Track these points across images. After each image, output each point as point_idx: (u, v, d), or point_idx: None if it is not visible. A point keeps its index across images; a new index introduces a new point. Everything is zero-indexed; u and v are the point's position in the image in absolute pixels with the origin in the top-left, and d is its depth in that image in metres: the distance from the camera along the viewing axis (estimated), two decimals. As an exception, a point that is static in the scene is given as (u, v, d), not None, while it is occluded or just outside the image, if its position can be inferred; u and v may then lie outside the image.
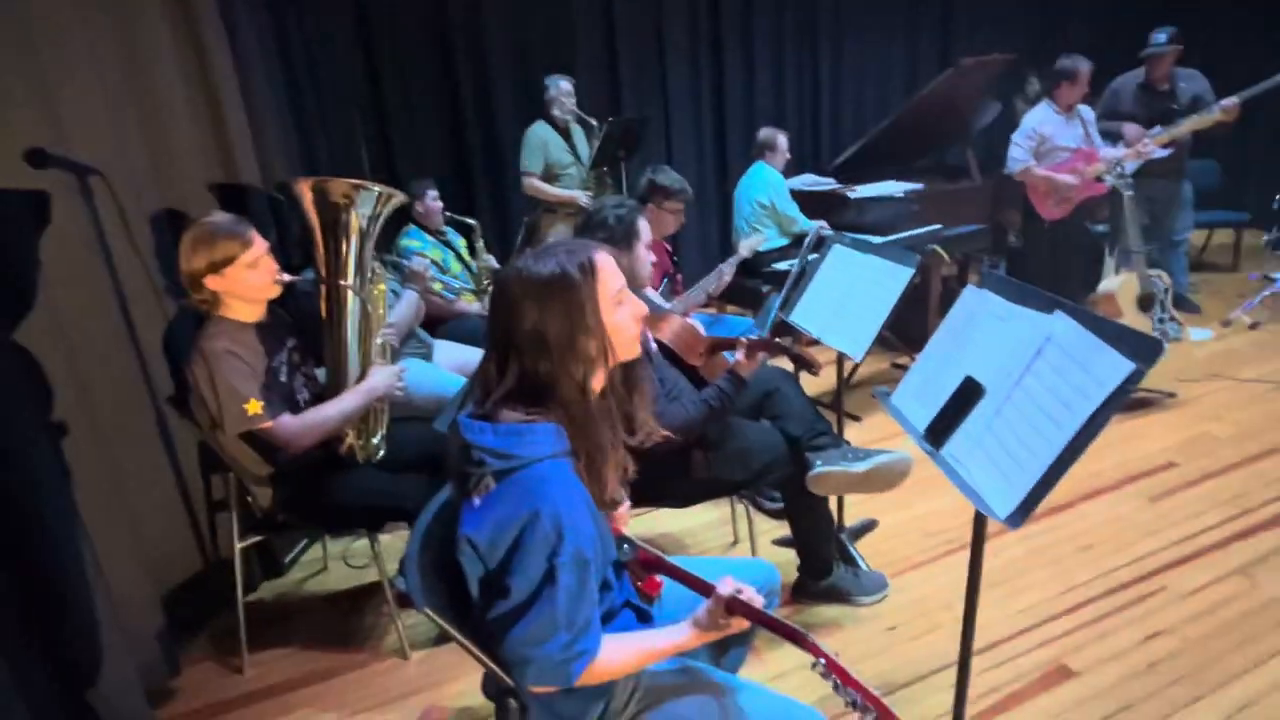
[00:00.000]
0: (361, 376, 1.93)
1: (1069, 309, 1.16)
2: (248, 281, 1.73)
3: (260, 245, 1.75)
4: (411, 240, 3.08)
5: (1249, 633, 1.86)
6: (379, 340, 2.01)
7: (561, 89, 3.65)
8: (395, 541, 2.37)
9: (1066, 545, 2.28)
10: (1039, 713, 1.68)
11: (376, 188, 1.93)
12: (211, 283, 1.71)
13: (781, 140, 3.80)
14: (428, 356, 2.64)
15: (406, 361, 2.40)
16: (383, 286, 2.06)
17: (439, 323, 2.96)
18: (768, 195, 3.73)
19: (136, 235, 1.95)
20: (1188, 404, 3.14)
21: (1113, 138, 3.82)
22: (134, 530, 1.82)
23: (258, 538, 1.99)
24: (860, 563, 2.20)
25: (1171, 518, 2.38)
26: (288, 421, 1.74)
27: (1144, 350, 1.00)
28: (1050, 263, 3.94)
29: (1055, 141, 3.65)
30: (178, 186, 2.11)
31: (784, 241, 3.78)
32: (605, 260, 1.03)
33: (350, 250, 1.91)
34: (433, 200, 3.12)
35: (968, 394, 1.25)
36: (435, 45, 4.07)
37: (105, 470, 1.74)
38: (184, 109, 2.12)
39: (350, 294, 1.92)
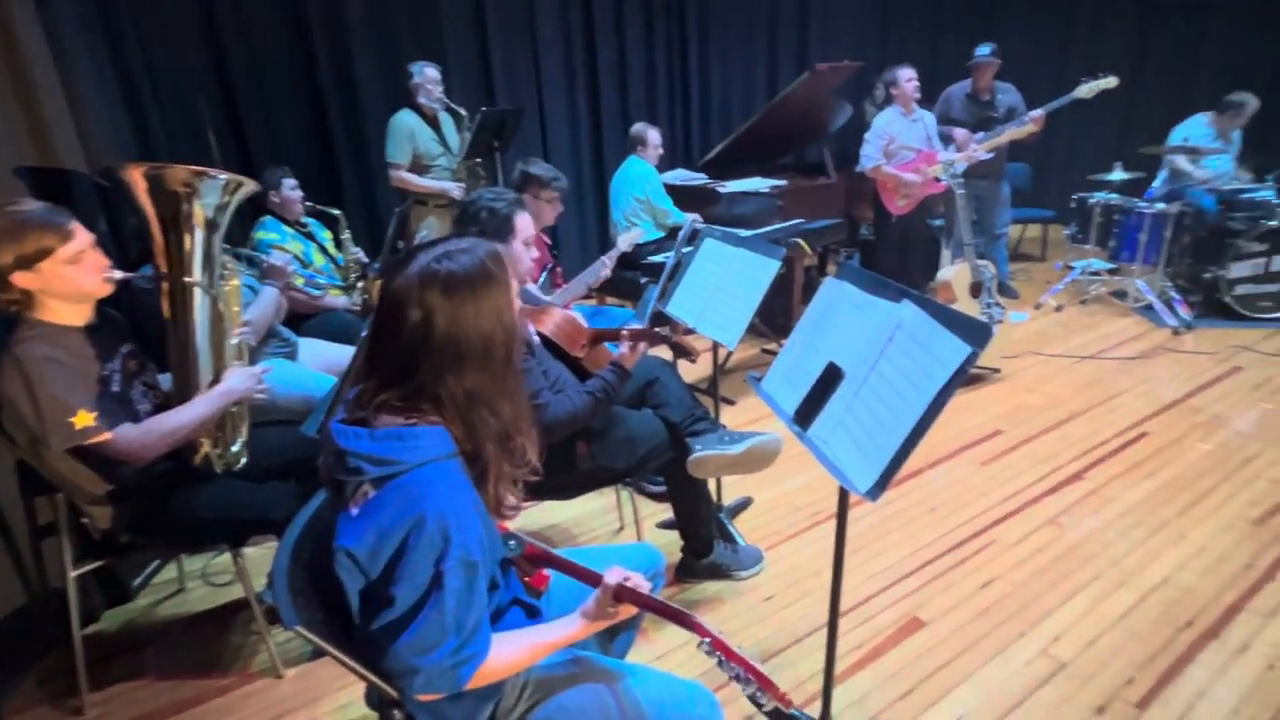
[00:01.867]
0: (215, 380, 1.78)
1: (915, 298, 1.29)
2: (68, 279, 1.54)
3: (83, 237, 1.56)
4: (268, 232, 2.86)
5: (1059, 574, 2.17)
6: (234, 340, 1.86)
7: (427, 76, 3.51)
8: (263, 554, 2.21)
9: (915, 509, 2.53)
10: (897, 662, 1.87)
11: (222, 175, 1.77)
12: (21, 280, 1.50)
13: (653, 135, 3.89)
14: (292, 355, 2.48)
15: (269, 361, 2.24)
16: (236, 282, 1.91)
17: (304, 319, 2.78)
18: (642, 189, 3.80)
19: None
20: (1009, 378, 3.58)
21: (945, 140, 4.25)
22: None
23: (96, 563, 1.78)
24: (738, 539, 2.33)
25: (999, 479, 2.71)
26: (128, 432, 1.57)
27: (977, 334, 1.13)
28: (898, 253, 4.34)
29: (901, 141, 4.01)
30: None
31: (660, 234, 3.88)
32: (506, 256, 1.04)
33: (195, 244, 1.75)
34: (290, 190, 2.91)
35: (830, 378, 1.37)
36: (288, 26, 3.77)
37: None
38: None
39: (198, 291, 1.76)
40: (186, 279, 1.74)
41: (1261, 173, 4.40)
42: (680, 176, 4.48)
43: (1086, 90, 3.78)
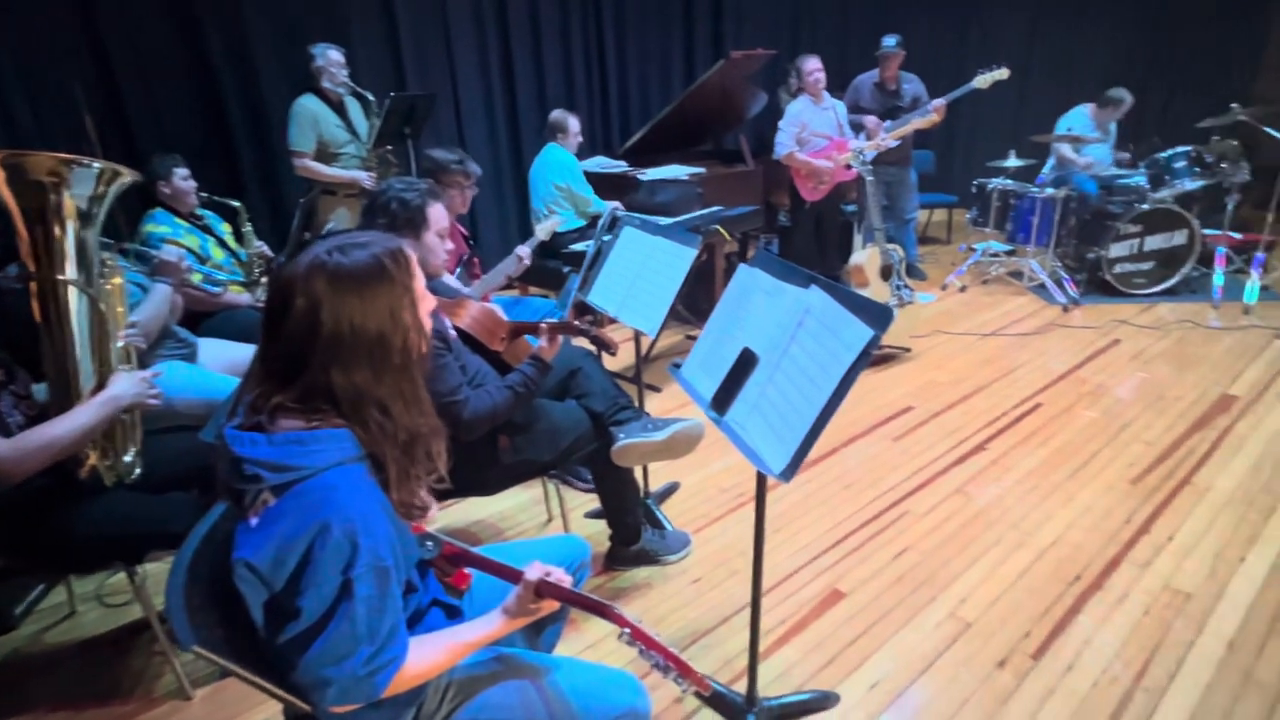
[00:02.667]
0: (100, 386, 1.66)
1: (823, 283, 1.33)
2: None
3: None
4: (159, 225, 2.66)
5: (966, 539, 2.31)
6: (119, 343, 1.73)
7: (330, 58, 3.35)
8: (165, 570, 2.08)
9: (833, 486, 2.64)
10: (819, 634, 1.95)
11: (95, 164, 1.63)
12: None
13: (572, 123, 3.85)
14: (191, 357, 2.33)
15: (165, 364, 2.11)
16: (118, 280, 1.77)
17: (204, 318, 2.62)
18: (563, 177, 3.76)
19: None
20: (919, 356, 3.77)
21: (856, 129, 4.41)
22: None
23: (-32, 592, 1.64)
24: (666, 524, 2.36)
25: (910, 452, 2.85)
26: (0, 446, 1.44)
27: (879, 317, 1.19)
28: (814, 239, 4.48)
29: (813, 128, 4.13)
30: None
31: (581, 223, 3.86)
32: (413, 255, 1.01)
33: (67, 239, 1.61)
34: (182, 180, 2.72)
35: (745, 364, 1.40)
36: (173, 5, 3.50)
37: None
38: None
39: (73, 291, 1.62)
40: (59, 277, 1.60)
41: (1136, 160, 4.77)
42: (600, 164, 4.46)
43: (982, 81, 4.00)
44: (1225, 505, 2.41)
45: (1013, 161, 4.73)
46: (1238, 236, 4.54)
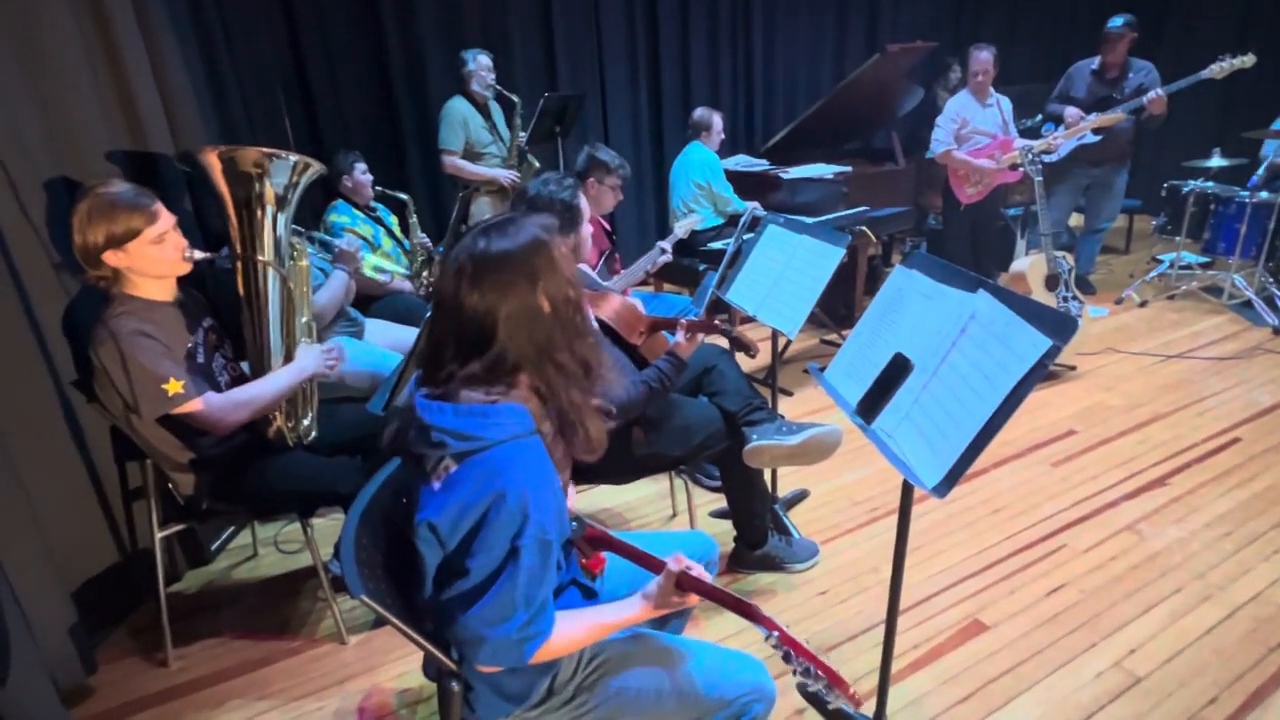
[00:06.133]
0: (289, 357, 1.86)
1: (991, 288, 1.23)
2: (152, 258, 1.62)
3: (166, 219, 1.63)
4: (340, 216, 2.96)
5: (1136, 583, 2.05)
6: (304, 319, 1.93)
7: (480, 64, 3.55)
8: (329, 525, 2.32)
9: (980, 509, 2.44)
10: (956, 664, 1.81)
11: (291, 156, 1.84)
12: (112, 259, 1.59)
13: (717, 120, 3.83)
14: (359, 335, 2.56)
15: (336, 340, 2.33)
16: (305, 263, 1.98)
17: (371, 301, 2.87)
18: (703, 175, 3.76)
19: (30, 207, 1.79)
20: (1085, 376, 3.40)
21: (1056, 121, 3.97)
22: (38, 523, 1.70)
23: (180, 526, 1.89)
24: (793, 531, 2.30)
25: (1071, 481, 2.58)
26: (215, 400, 1.66)
27: (1060, 327, 1.07)
28: (968, 244, 4.16)
29: (974, 125, 3.83)
30: (80, 164, 1.95)
31: (719, 221, 3.83)
32: (561, 247, 1.04)
33: (266, 223, 1.83)
34: (362, 174, 3.00)
35: (897, 370, 1.32)
36: (363, 17, 3.89)
37: (1, 460, 1.61)
38: (85, 83, 1.94)
39: (270, 270, 1.83)
40: (260, 258, 1.81)
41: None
42: (741, 163, 4.41)
43: (1219, 69, 3.43)
44: None
45: (1217, 161, 4.15)
46: None
